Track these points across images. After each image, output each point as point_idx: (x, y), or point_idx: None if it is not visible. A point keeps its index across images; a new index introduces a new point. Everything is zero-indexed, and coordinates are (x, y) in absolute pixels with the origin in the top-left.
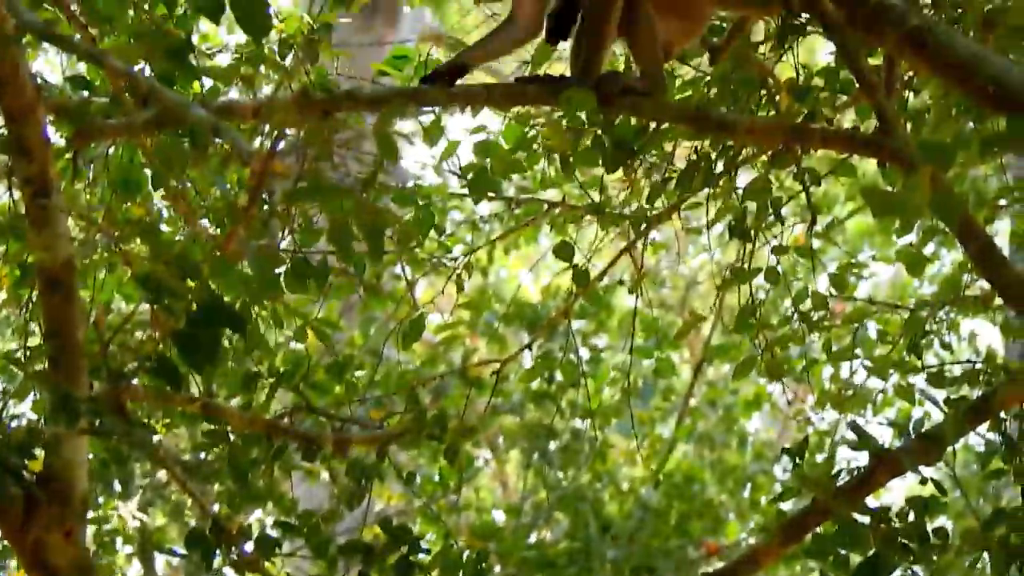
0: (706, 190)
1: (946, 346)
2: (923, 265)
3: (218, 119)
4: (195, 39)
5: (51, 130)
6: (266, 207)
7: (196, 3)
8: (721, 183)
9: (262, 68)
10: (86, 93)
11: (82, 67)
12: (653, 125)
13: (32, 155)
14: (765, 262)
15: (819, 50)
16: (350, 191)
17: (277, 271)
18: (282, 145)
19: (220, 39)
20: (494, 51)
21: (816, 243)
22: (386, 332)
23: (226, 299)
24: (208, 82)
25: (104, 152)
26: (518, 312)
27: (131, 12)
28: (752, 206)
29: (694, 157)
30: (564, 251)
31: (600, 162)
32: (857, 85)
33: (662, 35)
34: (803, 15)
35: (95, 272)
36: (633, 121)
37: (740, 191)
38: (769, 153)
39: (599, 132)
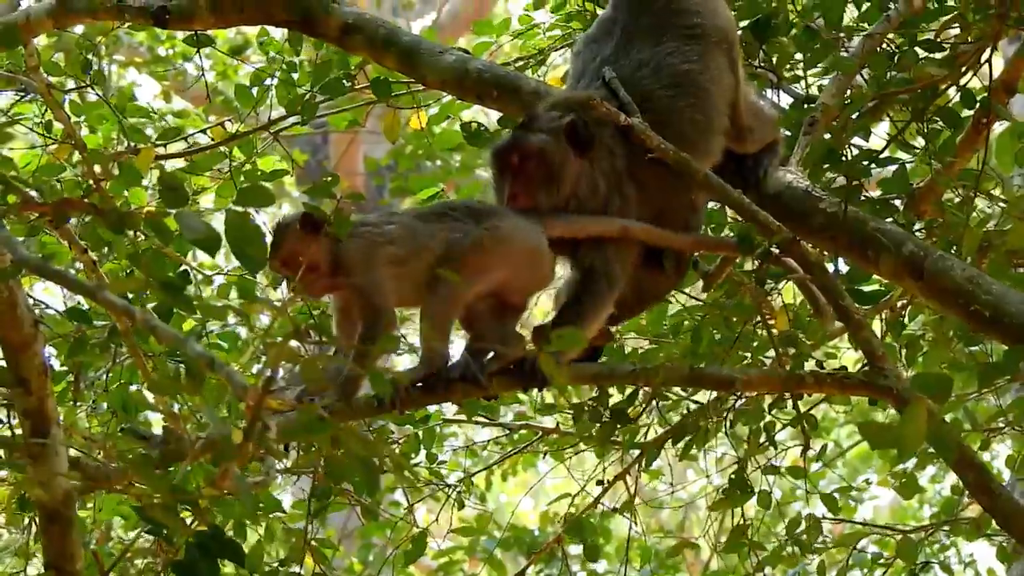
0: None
1: (946, 568)
2: (917, 490)
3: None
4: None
5: (51, 352)
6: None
7: (194, 237)
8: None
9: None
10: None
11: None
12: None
13: (30, 387)
14: (759, 484)
15: None
16: (342, 426)
17: None
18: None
19: (215, 264)
20: None
21: (816, 466)
22: (385, 558)
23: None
24: None
25: (104, 375)
26: (516, 537)
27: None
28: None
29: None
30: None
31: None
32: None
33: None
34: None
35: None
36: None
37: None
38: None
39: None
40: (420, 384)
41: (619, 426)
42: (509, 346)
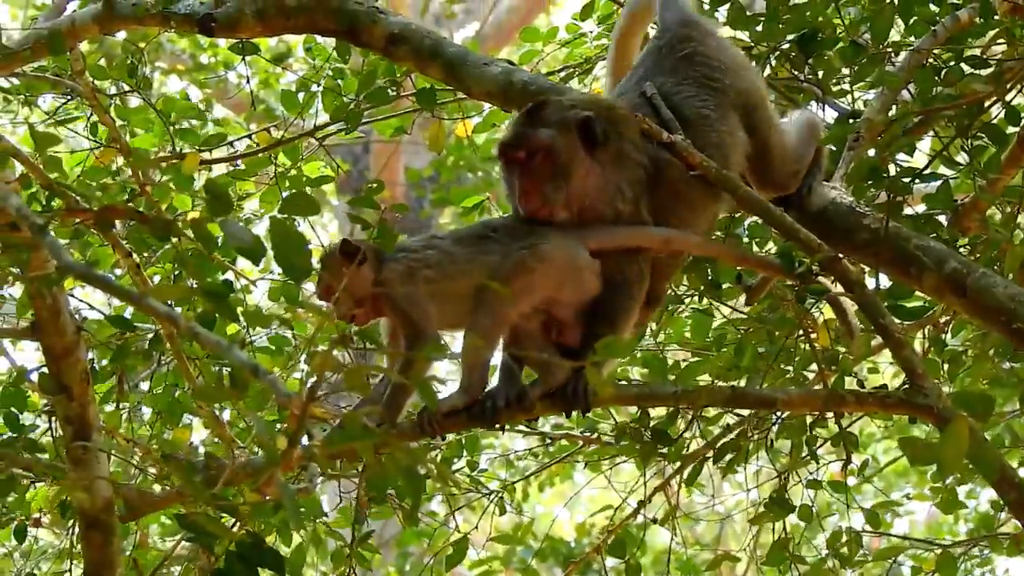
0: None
1: None
2: (958, 506)
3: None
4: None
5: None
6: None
7: (238, 245)
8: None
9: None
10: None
11: None
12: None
13: (72, 393)
14: (800, 497)
15: None
16: (385, 434)
17: None
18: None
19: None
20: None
21: (852, 480)
22: (423, 565)
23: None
24: None
25: (148, 379)
26: (552, 548)
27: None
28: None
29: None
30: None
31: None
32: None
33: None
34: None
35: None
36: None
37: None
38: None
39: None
40: (460, 410)
41: (660, 446)
42: (554, 367)
